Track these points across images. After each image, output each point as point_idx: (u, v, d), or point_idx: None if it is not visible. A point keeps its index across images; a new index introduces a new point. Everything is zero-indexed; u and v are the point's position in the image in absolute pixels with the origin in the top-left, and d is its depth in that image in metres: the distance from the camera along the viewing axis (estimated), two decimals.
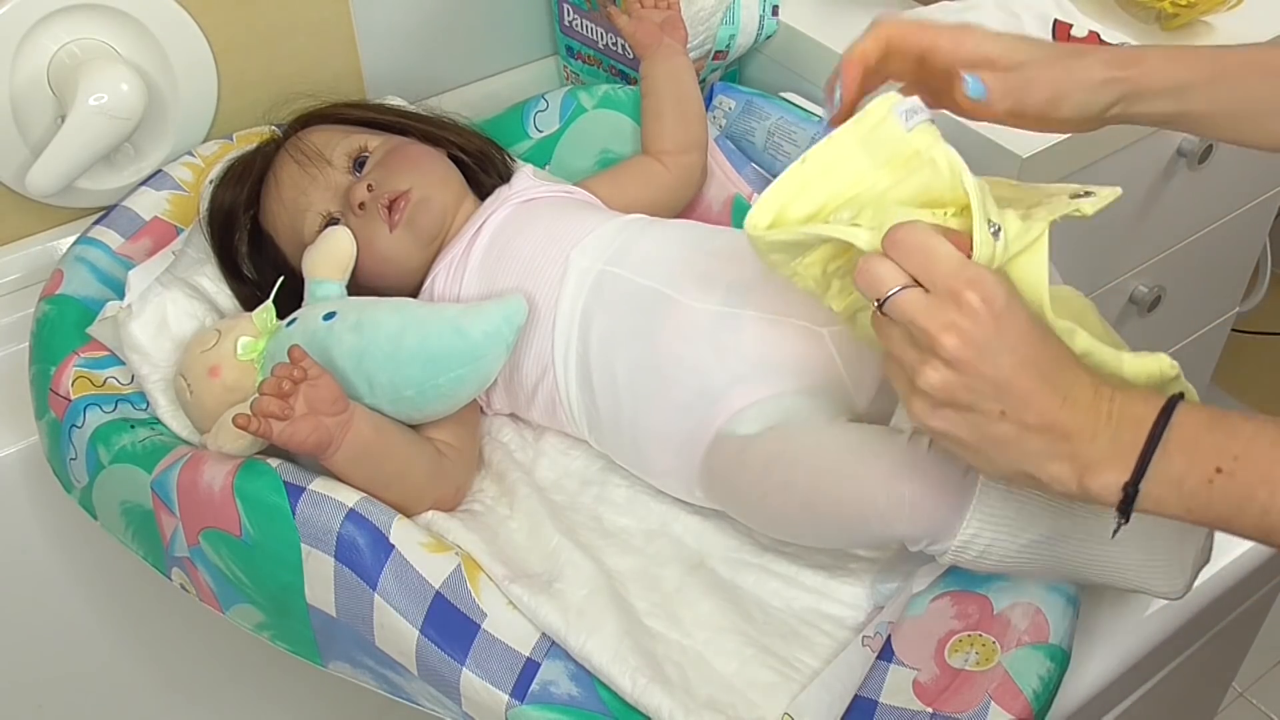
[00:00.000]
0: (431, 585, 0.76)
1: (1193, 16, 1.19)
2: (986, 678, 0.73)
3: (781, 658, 0.78)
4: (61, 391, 0.89)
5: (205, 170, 1.04)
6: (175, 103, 1.05)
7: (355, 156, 0.95)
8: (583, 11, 1.20)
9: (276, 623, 0.81)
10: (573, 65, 1.27)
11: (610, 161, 1.10)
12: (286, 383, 0.77)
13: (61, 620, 1.08)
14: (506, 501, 0.88)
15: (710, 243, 0.90)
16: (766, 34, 1.20)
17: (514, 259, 0.91)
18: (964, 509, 0.72)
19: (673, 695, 0.73)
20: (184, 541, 0.81)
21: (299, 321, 0.86)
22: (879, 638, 0.78)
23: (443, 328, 0.83)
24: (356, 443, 0.79)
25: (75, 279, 0.95)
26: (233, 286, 0.96)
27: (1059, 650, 0.74)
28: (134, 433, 0.86)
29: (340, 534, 0.76)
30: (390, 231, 0.92)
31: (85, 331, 0.92)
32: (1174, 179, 1.24)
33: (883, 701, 0.75)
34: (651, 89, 1.06)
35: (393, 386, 0.83)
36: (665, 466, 0.86)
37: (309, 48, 1.13)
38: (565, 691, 0.74)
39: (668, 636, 0.79)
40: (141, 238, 1.00)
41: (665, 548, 0.86)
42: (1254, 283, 1.57)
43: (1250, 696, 1.65)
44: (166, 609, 1.05)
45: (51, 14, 0.98)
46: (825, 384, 0.81)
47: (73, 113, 0.96)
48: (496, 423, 0.95)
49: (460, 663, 0.74)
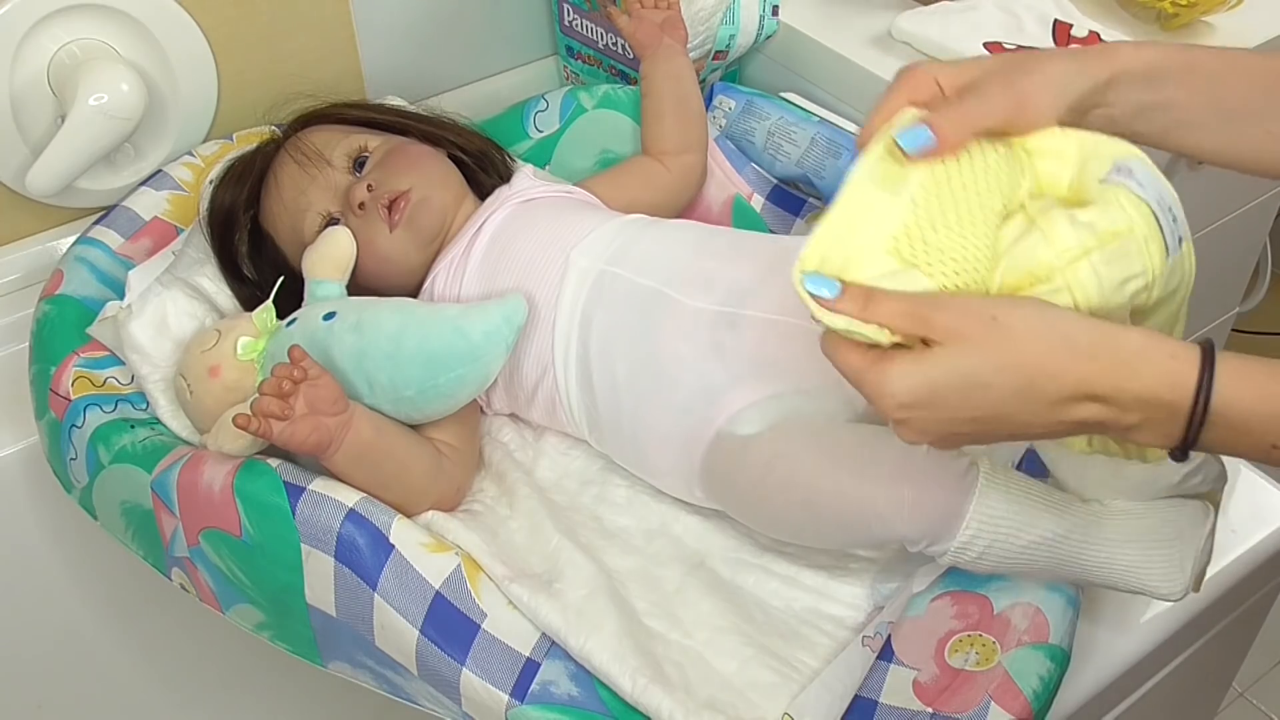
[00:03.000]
0: (431, 585, 0.75)
1: (1193, 16, 1.19)
2: (986, 678, 0.73)
3: (781, 658, 0.78)
4: (61, 391, 0.89)
5: (205, 170, 1.04)
6: (175, 103, 1.05)
7: (355, 156, 0.95)
8: (583, 11, 1.20)
9: (276, 623, 0.81)
10: (573, 65, 1.27)
11: (610, 161, 1.10)
12: (286, 383, 0.77)
13: (61, 620, 1.08)
14: (506, 501, 0.88)
15: (710, 243, 0.90)
16: (766, 34, 1.20)
17: (514, 259, 0.91)
18: (964, 510, 0.72)
19: (673, 695, 0.73)
20: (184, 541, 0.81)
21: (299, 321, 0.86)
22: (879, 638, 0.78)
23: (443, 328, 0.83)
24: (356, 443, 0.79)
25: (75, 279, 0.95)
26: (233, 286, 0.96)
27: (1059, 650, 0.74)
28: (134, 433, 0.86)
29: (340, 534, 0.76)
30: (390, 231, 0.92)
31: (85, 331, 0.92)
32: (1174, 179, 1.24)
33: (883, 701, 0.75)
34: (651, 89, 1.06)
35: (393, 386, 0.83)
36: (665, 466, 0.86)
37: (309, 47, 1.13)
38: (565, 691, 0.74)
39: (668, 636, 0.79)
40: (141, 238, 1.00)
41: (665, 548, 0.86)
42: (1254, 283, 1.58)
43: (1250, 696, 1.65)
44: (166, 609, 1.05)
45: (51, 14, 0.97)
46: (825, 384, 0.81)
47: (73, 113, 0.96)
48: (496, 423, 0.95)
49: (460, 663, 0.74)
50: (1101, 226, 0.62)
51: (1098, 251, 0.61)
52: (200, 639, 1.10)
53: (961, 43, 1.14)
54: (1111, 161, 0.65)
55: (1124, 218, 0.62)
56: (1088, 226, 0.62)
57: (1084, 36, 1.16)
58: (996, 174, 0.65)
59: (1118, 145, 0.66)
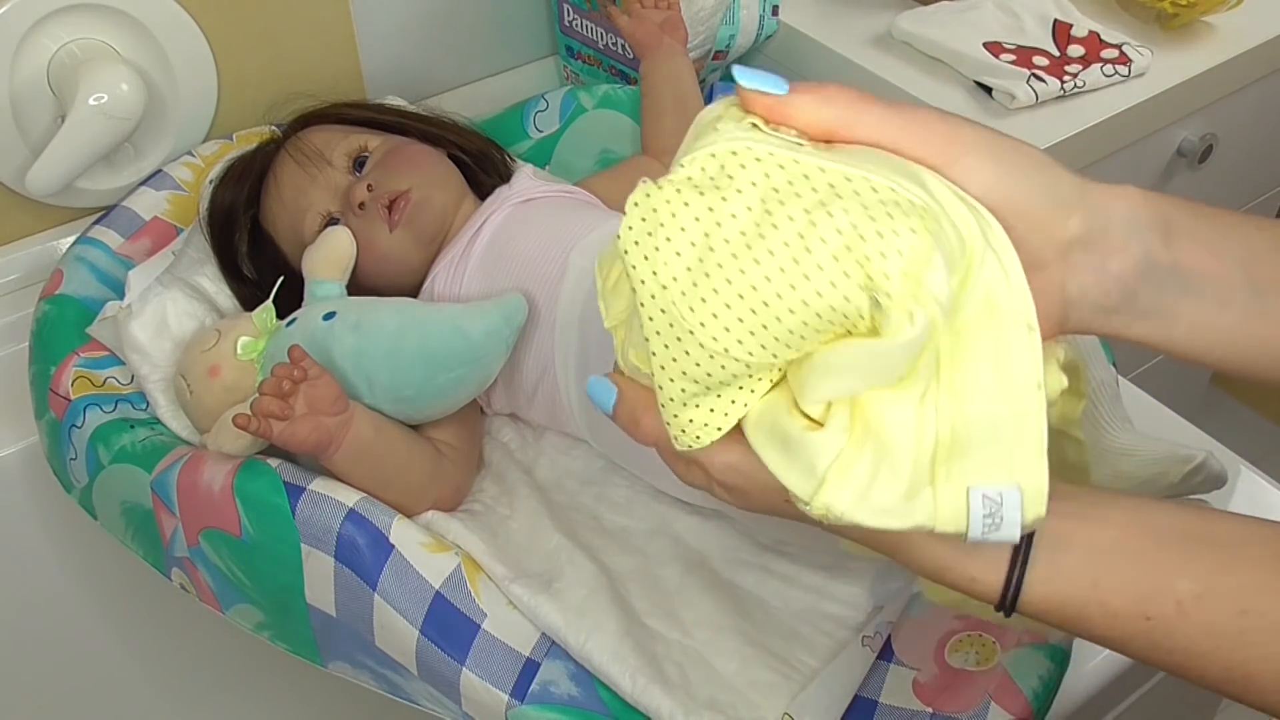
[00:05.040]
0: (431, 585, 0.75)
1: (1193, 17, 1.19)
2: (986, 678, 0.73)
3: (781, 658, 0.78)
4: (61, 391, 0.89)
5: (205, 170, 1.04)
6: (175, 103, 1.05)
7: (355, 156, 0.95)
8: (583, 11, 1.20)
9: (276, 623, 0.81)
10: (573, 65, 1.27)
11: (610, 161, 1.10)
12: (286, 383, 0.77)
13: (61, 620, 1.08)
14: (506, 501, 0.88)
15: None
16: (766, 34, 1.20)
17: (514, 259, 0.91)
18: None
19: (673, 695, 0.73)
20: (184, 541, 0.81)
21: (299, 321, 0.86)
22: (879, 638, 0.78)
23: (443, 328, 0.83)
24: (356, 443, 0.79)
25: (75, 279, 0.95)
26: (233, 286, 0.96)
27: (1059, 650, 0.74)
28: (134, 433, 0.86)
29: (340, 534, 0.76)
30: (390, 231, 0.92)
31: (85, 331, 0.92)
32: (1174, 179, 1.24)
33: (883, 701, 0.75)
34: (651, 89, 1.06)
35: (393, 386, 0.83)
36: (665, 466, 0.86)
37: (309, 48, 1.13)
38: (565, 691, 0.74)
39: (668, 636, 0.79)
40: (141, 238, 1.00)
41: (665, 548, 0.86)
42: None
43: None
44: (166, 609, 1.05)
45: (51, 14, 0.98)
46: None
47: (73, 113, 0.96)
48: (496, 423, 0.95)
49: (460, 663, 0.74)
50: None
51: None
52: (200, 639, 1.10)
53: (961, 43, 1.14)
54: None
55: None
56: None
57: (1084, 36, 1.16)
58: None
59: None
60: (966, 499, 0.43)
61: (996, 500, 0.43)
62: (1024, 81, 1.09)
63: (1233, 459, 0.86)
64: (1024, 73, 1.10)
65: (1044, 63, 1.13)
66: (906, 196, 0.42)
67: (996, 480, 0.43)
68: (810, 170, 0.42)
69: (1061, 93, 1.10)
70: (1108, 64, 1.13)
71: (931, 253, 0.41)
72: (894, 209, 0.42)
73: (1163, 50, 1.16)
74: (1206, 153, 1.21)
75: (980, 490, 0.43)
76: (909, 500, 0.44)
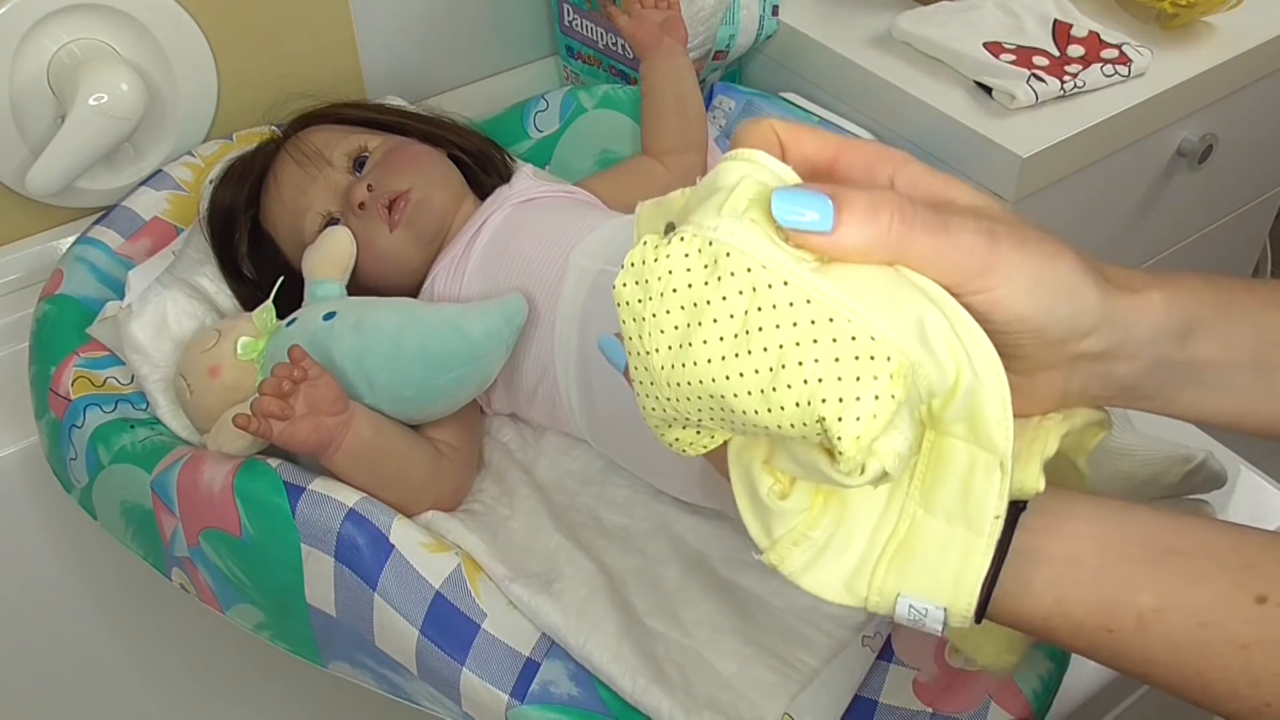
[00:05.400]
0: (431, 585, 0.75)
1: (1193, 16, 1.19)
2: (986, 678, 0.73)
3: (781, 658, 0.78)
4: (61, 391, 0.89)
5: (205, 170, 1.04)
6: (175, 103, 1.05)
7: (355, 156, 0.95)
8: (583, 11, 1.20)
9: (276, 623, 0.81)
10: (573, 65, 1.27)
11: (610, 161, 1.10)
12: (286, 383, 0.77)
13: (61, 620, 1.08)
14: (506, 501, 0.88)
15: None
16: (766, 34, 1.20)
17: (514, 259, 0.91)
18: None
19: (673, 695, 0.73)
20: (184, 541, 0.81)
21: (299, 321, 0.86)
22: (879, 638, 0.78)
23: (443, 328, 0.83)
24: (356, 443, 0.79)
25: (75, 279, 0.95)
26: (233, 286, 0.96)
27: (1059, 650, 0.74)
28: (134, 433, 0.86)
29: (340, 534, 0.76)
30: (390, 231, 0.92)
31: (85, 331, 0.92)
32: (1174, 179, 1.24)
33: (883, 701, 0.75)
34: (651, 89, 1.06)
35: (393, 386, 0.83)
36: (665, 466, 0.86)
37: (309, 48, 1.13)
38: (565, 691, 0.74)
39: (668, 636, 0.79)
40: (141, 238, 1.00)
41: (665, 548, 0.86)
42: None
43: None
44: (166, 609, 1.05)
45: (51, 14, 0.98)
46: None
47: (73, 113, 0.96)
48: (496, 423, 0.95)
49: (460, 663, 0.74)
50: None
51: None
52: (200, 639, 1.10)
53: (961, 43, 1.14)
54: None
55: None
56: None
57: (1084, 36, 1.16)
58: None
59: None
60: (895, 601, 0.47)
61: (922, 612, 0.47)
62: (1024, 81, 1.09)
63: (1233, 459, 0.86)
64: (1024, 73, 1.10)
65: (1044, 63, 1.13)
66: (885, 350, 0.42)
67: (926, 598, 0.46)
68: (796, 298, 0.43)
69: (1061, 93, 1.10)
70: (1108, 64, 1.13)
71: (892, 416, 0.42)
72: (865, 366, 0.42)
73: (1163, 50, 1.16)
74: (1206, 153, 1.21)
75: (908, 600, 0.47)
76: (850, 580, 0.47)
